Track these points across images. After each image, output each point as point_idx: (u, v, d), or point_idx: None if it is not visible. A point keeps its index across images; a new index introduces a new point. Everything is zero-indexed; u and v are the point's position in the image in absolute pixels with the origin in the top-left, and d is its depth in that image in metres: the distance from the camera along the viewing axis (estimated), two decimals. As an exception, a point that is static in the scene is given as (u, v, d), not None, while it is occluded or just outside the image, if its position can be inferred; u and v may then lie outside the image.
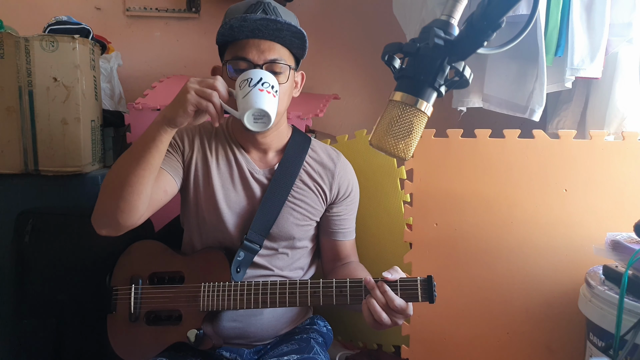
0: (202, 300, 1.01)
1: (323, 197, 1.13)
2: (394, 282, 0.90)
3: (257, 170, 1.10)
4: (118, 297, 1.08)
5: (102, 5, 2.00)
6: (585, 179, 1.18)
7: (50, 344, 1.19)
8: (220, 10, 1.99)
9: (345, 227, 1.16)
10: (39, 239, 1.21)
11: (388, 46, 0.67)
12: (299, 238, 1.12)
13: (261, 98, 0.92)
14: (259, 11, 0.98)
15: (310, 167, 1.13)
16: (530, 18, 0.61)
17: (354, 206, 1.19)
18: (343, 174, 1.15)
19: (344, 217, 1.16)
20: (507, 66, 1.42)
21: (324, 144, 1.20)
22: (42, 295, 1.20)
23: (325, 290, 0.96)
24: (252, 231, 1.07)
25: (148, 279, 1.08)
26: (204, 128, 1.14)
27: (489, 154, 1.22)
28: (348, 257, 1.18)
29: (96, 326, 1.10)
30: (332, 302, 0.96)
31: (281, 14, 1.00)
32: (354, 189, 1.17)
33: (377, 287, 0.90)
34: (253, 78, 0.93)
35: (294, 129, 1.17)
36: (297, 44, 1.02)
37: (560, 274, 1.20)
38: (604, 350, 0.95)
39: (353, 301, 0.94)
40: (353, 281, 0.95)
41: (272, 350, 1.09)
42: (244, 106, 0.92)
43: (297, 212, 1.10)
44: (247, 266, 1.08)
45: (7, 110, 1.33)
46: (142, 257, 1.10)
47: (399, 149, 0.67)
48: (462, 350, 1.27)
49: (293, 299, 0.97)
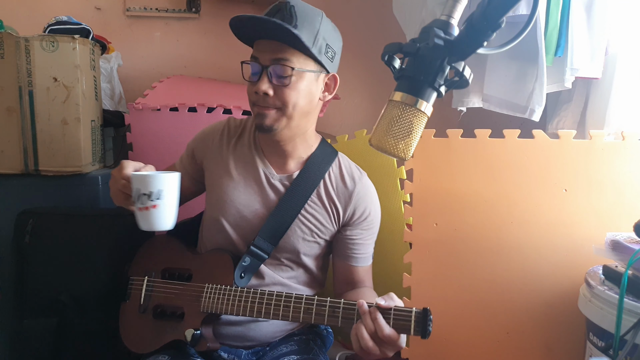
0: (204, 301, 1.02)
1: (336, 217, 1.09)
2: (387, 310, 0.84)
3: (273, 175, 1.08)
4: (132, 287, 1.13)
5: (102, 5, 2.00)
6: (585, 179, 1.18)
7: (51, 344, 1.19)
8: (220, 10, 2.00)
9: (359, 252, 1.10)
10: (39, 239, 1.21)
11: (388, 46, 0.67)
12: (305, 253, 1.09)
13: (141, 218, 0.91)
14: (277, 14, 0.96)
15: (329, 183, 1.09)
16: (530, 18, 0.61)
17: (372, 232, 1.12)
18: (362, 196, 1.09)
19: (358, 241, 1.10)
20: (507, 66, 1.42)
21: (350, 162, 1.15)
22: (42, 295, 1.20)
23: (318, 309, 0.92)
24: (260, 237, 1.05)
25: (160, 273, 1.11)
26: (231, 127, 1.15)
27: (489, 154, 1.22)
28: (361, 283, 1.12)
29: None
30: (323, 321, 0.92)
31: (298, 17, 0.95)
32: (371, 213, 1.11)
33: (368, 313, 0.84)
34: (132, 195, 0.91)
35: (322, 141, 1.14)
36: (309, 49, 0.96)
37: (560, 274, 1.20)
38: (604, 350, 0.95)
39: (344, 324, 0.89)
40: (347, 303, 0.90)
41: (271, 352, 1.09)
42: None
43: (305, 226, 1.08)
44: (252, 273, 1.06)
45: (7, 110, 1.33)
46: (159, 251, 1.15)
47: (399, 149, 0.67)
48: (462, 350, 1.27)
49: (286, 313, 0.94)
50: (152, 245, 1.16)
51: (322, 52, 0.99)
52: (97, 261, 1.21)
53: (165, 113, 1.52)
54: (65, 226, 1.24)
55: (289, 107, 0.99)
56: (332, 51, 1.01)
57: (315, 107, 1.06)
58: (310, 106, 1.03)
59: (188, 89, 1.77)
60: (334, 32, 1.02)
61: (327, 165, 1.10)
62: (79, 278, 1.20)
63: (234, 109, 1.52)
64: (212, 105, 1.53)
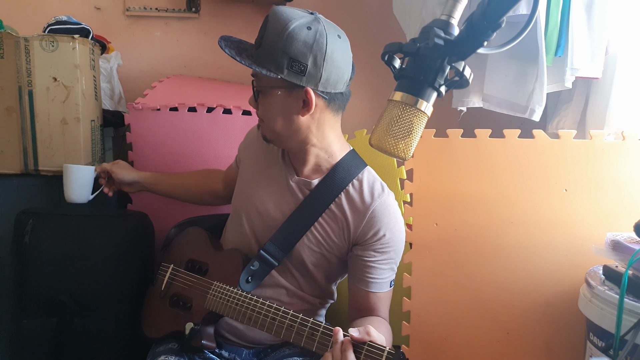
0: (209, 298, 1.02)
1: (346, 234, 1.02)
2: (361, 344, 0.78)
3: (293, 177, 1.06)
4: (160, 273, 1.16)
5: (102, 5, 2.00)
6: (585, 179, 1.18)
7: (50, 344, 1.19)
8: (220, 10, 1.99)
9: (372, 276, 1.01)
10: (39, 239, 1.21)
11: (388, 46, 0.67)
12: (311, 263, 1.05)
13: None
14: (261, 28, 0.98)
15: (348, 197, 1.03)
16: (530, 18, 0.61)
17: (388, 255, 1.02)
18: (377, 215, 1.00)
19: (371, 264, 1.01)
20: (507, 66, 1.42)
21: (377, 178, 1.07)
22: (42, 295, 1.20)
23: (299, 328, 0.88)
24: (271, 242, 1.03)
25: (185, 264, 1.14)
26: None
27: (489, 154, 1.22)
28: (372, 312, 1.02)
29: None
30: (300, 342, 0.87)
31: (265, 34, 0.94)
32: (387, 234, 1.00)
33: (340, 344, 0.78)
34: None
35: (351, 152, 1.08)
36: (263, 72, 0.94)
37: (560, 274, 1.20)
38: (604, 350, 0.95)
39: (319, 349, 0.85)
40: (327, 328, 0.85)
41: (272, 353, 1.09)
42: None
43: (313, 236, 1.03)
44: (260, 279, 1.04)
45: (7, 110, 1.33)
46: (190, 242, 1.18)
47: (399, 149, 0.67)
48: (462, 350, 1.27)
49: (271, 326, 0.92)
50: (187, 235, 1.19)
51: (283, 68, 0.93)
52: (97, 261, 1.21)
53: (165, 113, 1.52)
54: (65, 226, 1.24)
55: (265, 122, 1.02)
56: (299, 64, 0.92)
57: (302, 123, 0.99)
58: (289, 124, 0.99)
59: (188, 89, 1.76)
60: (306, 42, 0.92)
61: (350, 178, 1.03)
62: (78, 278, 1.20)
63: (234, 109, 1.52)
64: (212, 105, 1.53)
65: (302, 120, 0.99)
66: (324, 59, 0.94)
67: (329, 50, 0.94)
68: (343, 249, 1.04)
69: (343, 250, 1.04)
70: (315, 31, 0.93)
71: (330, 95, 0.99)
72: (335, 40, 0.96)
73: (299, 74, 0.94)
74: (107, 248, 1.23)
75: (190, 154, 1.52)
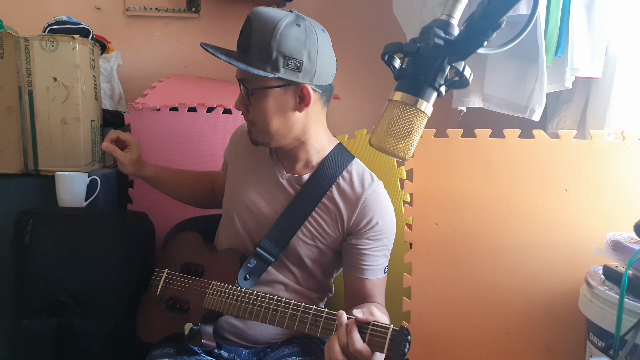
0: (207, 298, 1.03)
1: (340, 225, 1.05)
2: (365, 324, 0.78)
3: (283, 174, 1.08)
4: (154, 278, 1.17)
5: (102, 5, 2.00)
6: (585, 179, 1.18)
7: (51, 344, 1.19)
8: (220, 10, 1.99)
9: (367, 264, 1.03)
10: (39, 239, 1.21)
11: (388, 46, 0.67)
12: (307, 257, 1.07)
13: None
14: (240, 34, 0.99)
15: (338, 189, 1.05)
16: (530, 18, 0.61)
17: (381, 242, 1.05)
18: (369, 204, 1.03)
19: (365, 252, 1.03)
20: (507, 66, 1.42)
21: (365, 168, 1.09)
22: (42, 295, 1.20)
23: (302, 316, 0.88)
24: (267, 240, 1.05)
25: (180, 267, 1.14)
26: None
27: (489, 154, 1.22)
28: (369, 298, 1.05)
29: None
30: (304, 329, 0.88)
31: (252, 36, 0.95)
32: (379, 222, 1.03)
33: (345, 326, 0.79)
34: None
35: (337, 146, 1.10)
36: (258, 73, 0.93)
37: (560, 274, 1.20)
38: (604, 350, 0.95)
39: (323, 334, 0.85)
40: (330, 313, 0.85)
41: (272, 352, 1.09)
42: None
43: (307, 229, 1.05)
44: (258, 276, 1.05)
45: (7, 110, 1.33)
46: (183, 246, 1.18)
47: (399, 149, 0.67)
48: (462, 350, 1.27)
49: (273, 318, 0.92)
50: (180, 240, 1.20)
51: (279, 66, 0.94)
52: (97, 261, 1.21)
53: (165, 113, 1.52)
54: (65, 226, 1.24)
55: (258, 124, 1.01)
56: (295, 61, 0.94)
57: (298, 119, 1.00)
58: (285, 121, 1.00)
59: (188, 89, 1.76)
60: (299, 39, 0.94)
61: (340, 170, 1.06)
62: (78, 278, 1.20)
63: (234, 109, 1.52)
64: (212, 105, 1.53)
65: (297, 117, 1.01)
66: (317, 53, 0.96)
67: (320, 45, 0.96)
68: (337, 240, 1.06)
69: (337, 241, 1.07)
70: (305, 27, 0.95)
71: (322, 88, 1.01)
72: (322, 34, 0.98)
73: (295, 70, 0.95)
74: (107, 248, 1.23)
75: (190, 154, 1.52)
